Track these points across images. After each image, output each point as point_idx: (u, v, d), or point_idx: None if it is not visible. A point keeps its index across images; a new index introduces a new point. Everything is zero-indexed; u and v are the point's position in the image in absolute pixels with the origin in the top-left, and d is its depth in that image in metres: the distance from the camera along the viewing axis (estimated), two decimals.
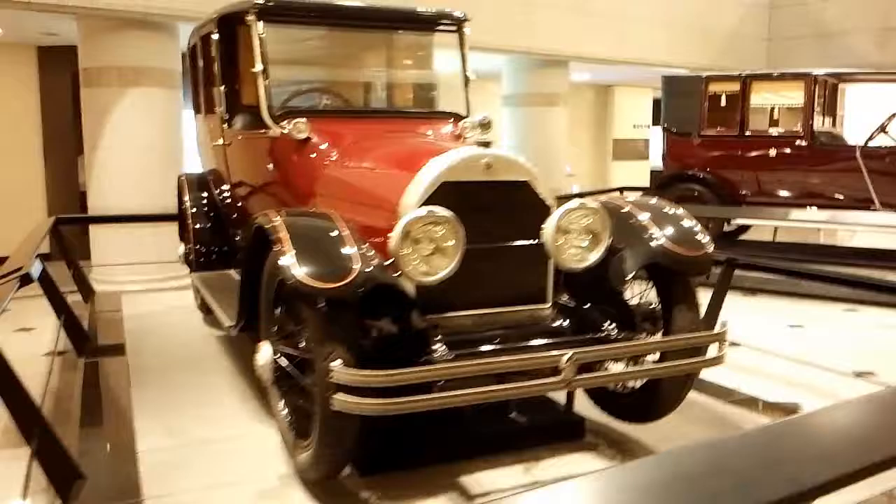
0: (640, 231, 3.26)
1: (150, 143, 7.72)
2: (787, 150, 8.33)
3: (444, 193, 3.03)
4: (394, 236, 2.85)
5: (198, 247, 5.36)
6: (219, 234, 5.39)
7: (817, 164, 8.16)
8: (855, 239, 9.43)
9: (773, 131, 8.57)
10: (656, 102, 15.24)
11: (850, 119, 9.11)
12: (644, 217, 3.31)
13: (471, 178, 3.10)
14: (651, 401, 3.39)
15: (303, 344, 2.93)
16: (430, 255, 2.89)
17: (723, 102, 8.82)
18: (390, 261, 2.86)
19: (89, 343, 5.26)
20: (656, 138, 13.93)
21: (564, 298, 3.33)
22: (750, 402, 4.19)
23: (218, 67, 4.74)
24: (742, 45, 12.70)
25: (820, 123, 8.36)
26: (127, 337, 5.51)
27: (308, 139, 3.92)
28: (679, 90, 9.24)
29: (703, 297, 3.81)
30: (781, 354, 5.19)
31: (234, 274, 5.19)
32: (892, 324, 6.11)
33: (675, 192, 8.49)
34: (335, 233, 2.87)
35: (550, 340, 3.10)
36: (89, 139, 7.67)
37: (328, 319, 2.71)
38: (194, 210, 5.43)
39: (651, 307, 3.37)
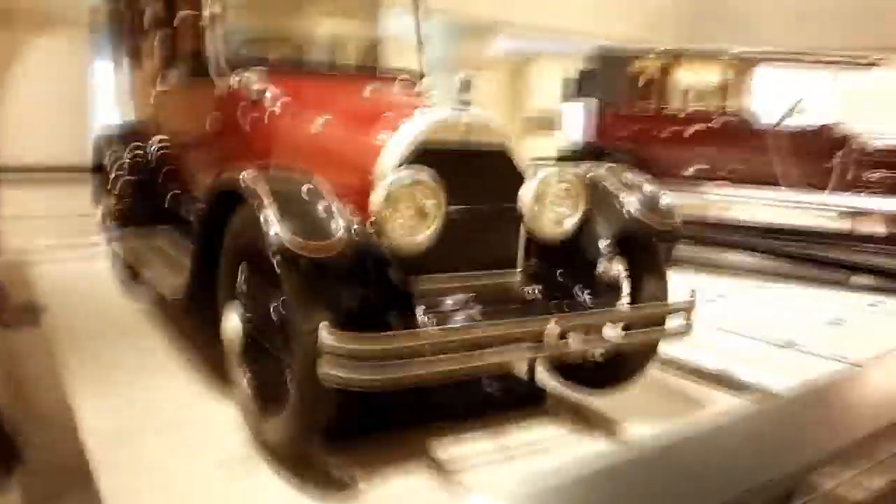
0: (614, 200, 3.25)
1: (57, 93, 7.23)
2: (712, 127, 8.55)
3: (423, 155, 2.93)
4: (376, 198, 2.73)
5: (121, 206, 5.02)
6: (146, 192, 5.06)
7: (738, 142, 8.41)
8: (758, 215, 9.81)
9: (699, 108, 8.74)
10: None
11: (759, 98, 9.37)
12: (616, 186, 3.30)
13: (449, 139, 3.01)
14: (613, 371, 3.40)
15: (272, 309, 2.78)
16: (410, 218, 2.79)
17: (652, 78, 8.95)
18: (369, 223, 2.74)
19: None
20: (572, 112, 14.09)
21: (534, 266, 3.29)
22: (693, 372, 4.27)
23: (152, 14, 4.42)
24: (663, 21, 12.94)
25: (743, 102, 8.58)
26: (42, 300, 5.14)
27: (263, 92, 3.71)
28: (610, 64, 9.31)
29: None
30: (709, 325, 5.34)
31: (161, 236, 4.91)
32: (801, 294, 6.50)
33: None
34: (317, 193, 2.71)
35: (525, 307, 3.06)
36: None
37: (313, 283, 2.57)
38: (119, 166, 5.07)
39: (614, 275, 3.37)
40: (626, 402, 3.60)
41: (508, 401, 3.53)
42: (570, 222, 3.15)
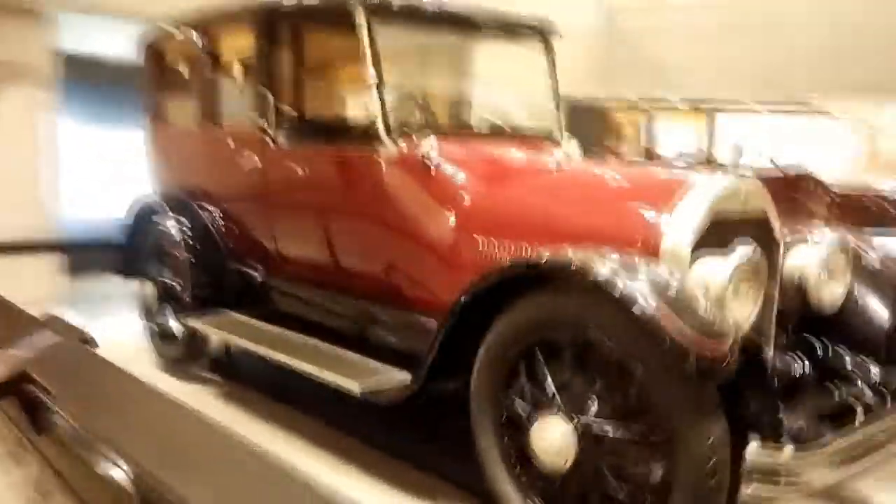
0: (874, 269, 3.16)
1: (20, 155, 6.34)
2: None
3: (710, 229, 2.70)
4: (717, 284, 2.47)
5: (194, 285, 4.37)
6: (217, 268, 4.44)
7: None
8: None
9: (673, 157, 8.97)
10: None
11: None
12: (870, 254, 3.21)
13: (730, 209, 2.80)
14: None
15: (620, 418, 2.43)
16: (745, 299, 2.56)
17: (625, 130, 9.14)
18: None
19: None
20: None
21: (793, 339, 3.10)
22: None
23: (262, 72, 3.91)
24: (582, 73, 13.30)
25: (711, 148, 8.89)
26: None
27: (449, 162, 3.33)
28: (580, 117, 9.42)
29: None
30: None
31: (237, 315, 4.32)
32: None
33: None
34: (679, 279, 2.40)
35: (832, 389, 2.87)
36: None
37: (708, 388, 2.25)
38: (185, 240, 4.42)
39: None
40: None
41: None
42: (841, 291, 3.02)
